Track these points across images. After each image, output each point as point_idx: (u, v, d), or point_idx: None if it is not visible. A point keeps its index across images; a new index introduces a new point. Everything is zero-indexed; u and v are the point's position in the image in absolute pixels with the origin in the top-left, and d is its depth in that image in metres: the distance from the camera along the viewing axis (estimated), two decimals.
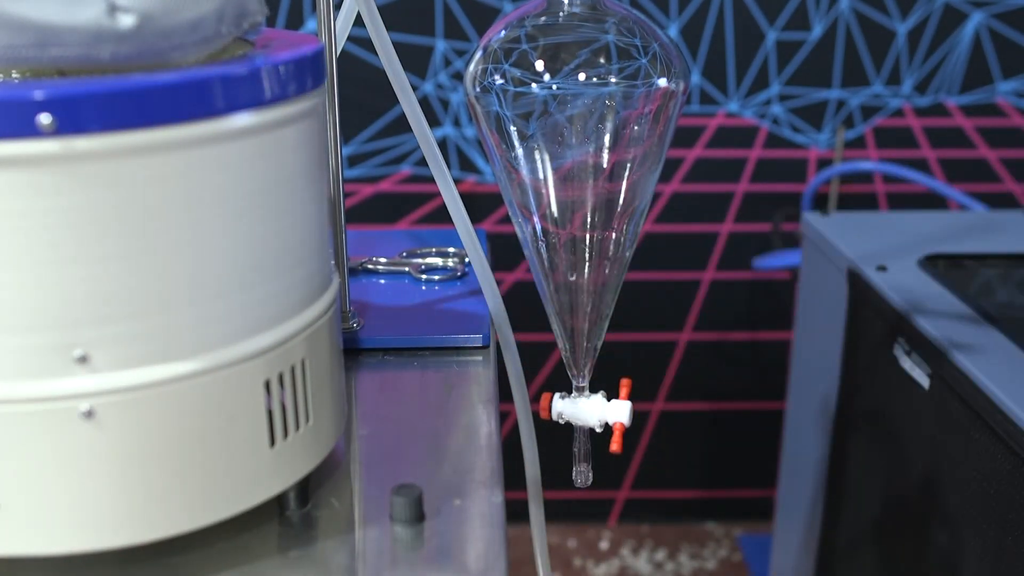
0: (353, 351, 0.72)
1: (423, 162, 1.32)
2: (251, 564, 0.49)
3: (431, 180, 1.15)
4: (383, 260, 0.87)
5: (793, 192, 1.81)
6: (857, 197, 1.83)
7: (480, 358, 0.72)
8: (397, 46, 0.67)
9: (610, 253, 0.62)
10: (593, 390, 0.65)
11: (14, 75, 0.43)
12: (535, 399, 0.66)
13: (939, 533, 1.06)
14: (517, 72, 0.58)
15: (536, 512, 0.81)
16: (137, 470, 0.45)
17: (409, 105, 0.68)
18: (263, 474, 0.49)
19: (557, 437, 0.79)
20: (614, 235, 0.62)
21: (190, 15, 0.44)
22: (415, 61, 1.70)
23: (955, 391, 0.98)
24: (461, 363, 0.72)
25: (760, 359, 1.93)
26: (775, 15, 1.72)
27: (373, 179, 1.77)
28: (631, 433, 0.66)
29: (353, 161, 1.76)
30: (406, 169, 1.77)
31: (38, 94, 0.39)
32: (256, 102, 0.45)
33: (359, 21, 0.67)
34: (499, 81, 0.59)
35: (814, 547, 1.41)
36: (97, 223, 0.41)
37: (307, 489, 0.54)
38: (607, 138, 0.60)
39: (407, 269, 0.85)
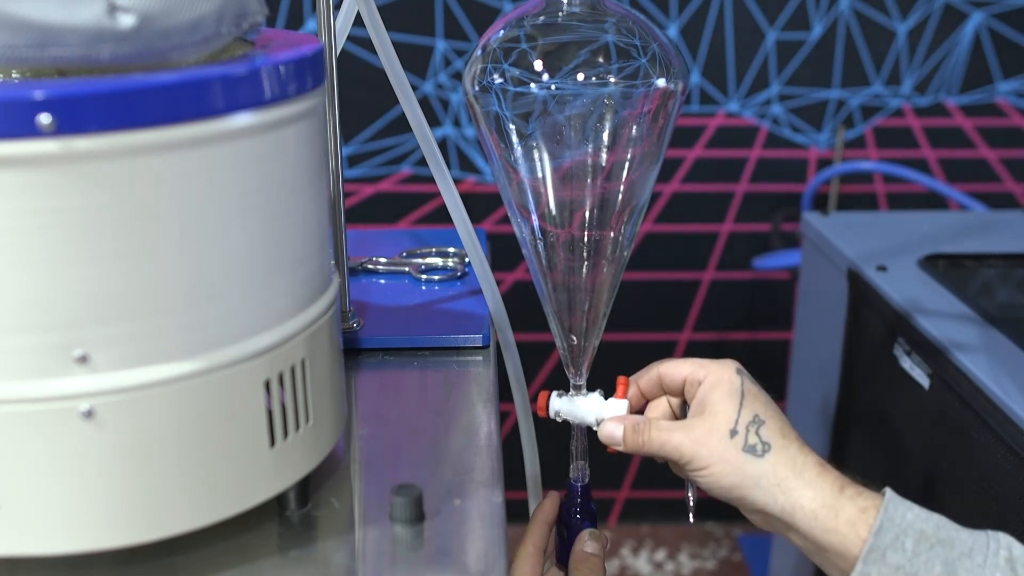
0: (353, 351, 0.72)
1: (423, 162, 1.32)
2: (251, 564, 0.49)
3: (431, 180, 1.15)
4: (383, 260, 0.87)
5: (793, 192, 1.81)
6: (857, 197, 1.83)
7: (480, 358, 0.72)
8: (397, 46, 0.67)
9: (608, 252, 0.62)
10: (592, 390, 0.65)
11: (14, 75, 0.43)
12: (535, 399, 0.66)
13: None
14: (516, 72, 0.58)
15: None
16: (137, 470, 0.45)
17: (409, 105, 0.68)
18: (263, 474, 0.49)
19: (557, 437, 0.79)
20: (612, 235, 0.62)
21: (190, 15, 0.44)
22: (415, 61, 1.70)
23: (955, 391, 0.98)
24: (461, 363, 0.72)
25: (760, 359, 1.93)
26: (775, 15, 1.72)
27: (373, 179, 1.77)
28: None
29: (353, 161, 1.76)
30: (406, 169, 1.77)
31: (38, 94, 0.39)
32: (256, 102, 0.45)
33: (359, 21, 0.67)
34: (498, 81, 0.59)
35: None
36: (97, 223, 0.41)
37: (307, 489, 0.54)
38: (606, 138, 0.60)
39: (407, 269, 0.85)
